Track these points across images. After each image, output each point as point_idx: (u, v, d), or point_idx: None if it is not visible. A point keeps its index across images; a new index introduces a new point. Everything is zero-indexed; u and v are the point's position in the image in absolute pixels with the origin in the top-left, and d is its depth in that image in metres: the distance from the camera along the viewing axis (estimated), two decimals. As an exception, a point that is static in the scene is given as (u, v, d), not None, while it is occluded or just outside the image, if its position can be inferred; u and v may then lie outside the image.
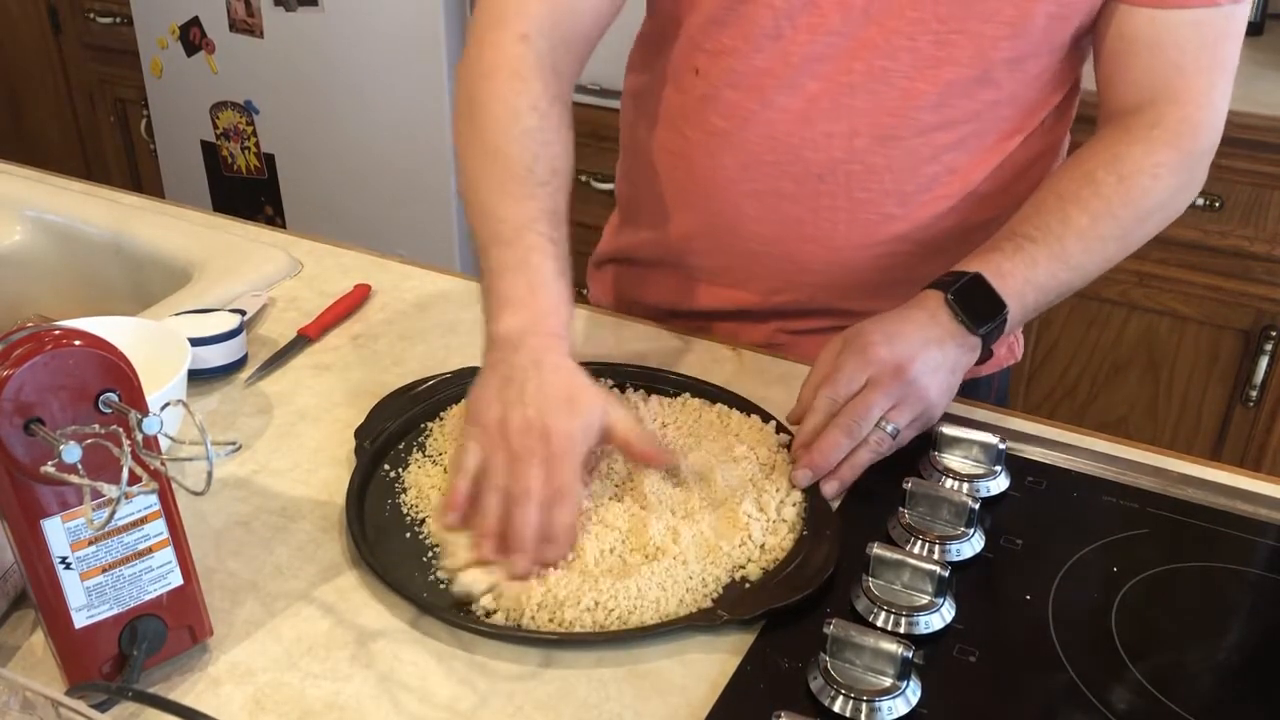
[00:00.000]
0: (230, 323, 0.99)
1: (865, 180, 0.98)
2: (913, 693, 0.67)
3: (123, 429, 0.60)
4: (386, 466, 0.87)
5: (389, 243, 1.97)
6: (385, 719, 0.67)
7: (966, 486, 0.84)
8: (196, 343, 0.94)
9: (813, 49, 0.95)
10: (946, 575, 0.73)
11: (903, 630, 0.72)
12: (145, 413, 0.61)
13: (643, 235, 1.14)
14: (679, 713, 0.68)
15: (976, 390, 1.09)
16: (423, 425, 0.92)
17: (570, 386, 0.78)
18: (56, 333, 0.60)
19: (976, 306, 0.87)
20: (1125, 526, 0.82)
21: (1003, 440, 0.85)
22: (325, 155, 2.41)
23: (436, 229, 2.34)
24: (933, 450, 0.86)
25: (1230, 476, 0.88)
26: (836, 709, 0.66)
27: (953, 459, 0.86)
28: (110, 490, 0.58)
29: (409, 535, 0.81)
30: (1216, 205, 1.76)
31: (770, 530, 0.80)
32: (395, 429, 0.90)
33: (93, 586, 0.64)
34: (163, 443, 0.68)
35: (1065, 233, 0.90)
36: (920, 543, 0.78)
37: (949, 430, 0.86)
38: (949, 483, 0.84)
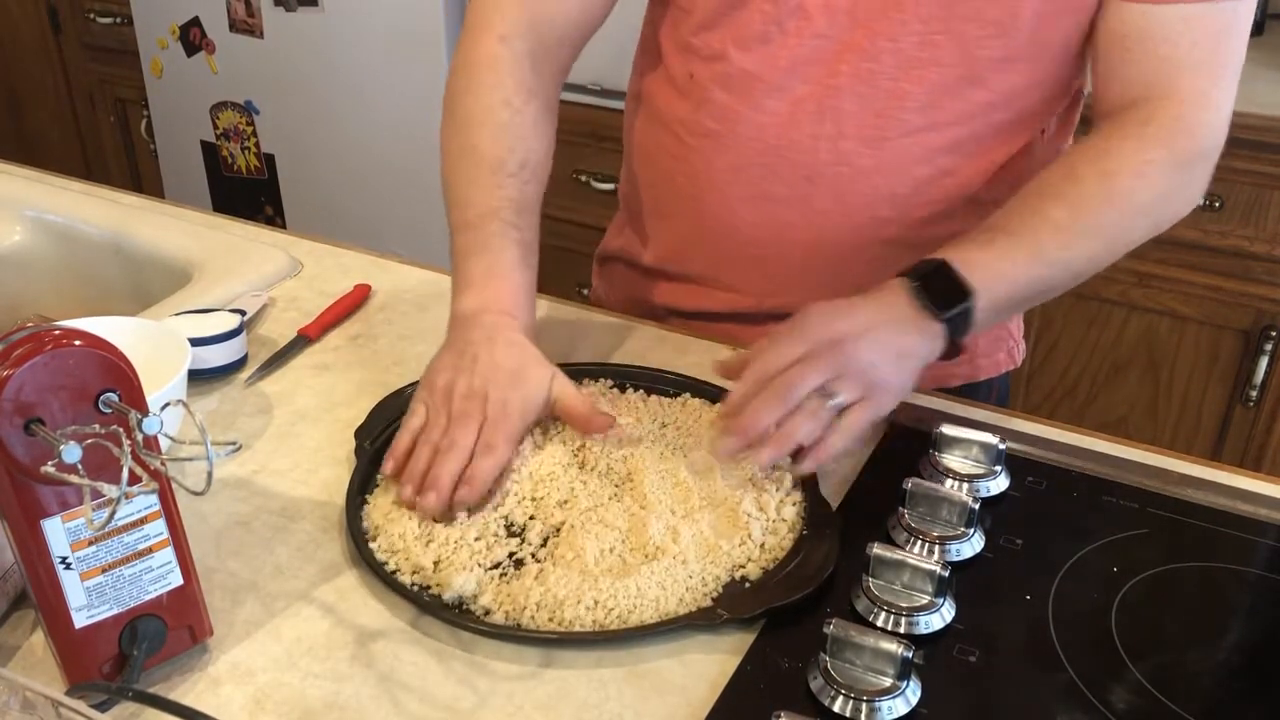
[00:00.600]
0: (230, 323, 0.99)
1: (854, 183, 0.98)
2: (913, 693, 0.67)
3: (123, 429, 0.60)
4: (386, 466, 0.87)
5: (389, 242, 1.97)
6: (385, 719, 0.67)
7: (966, 486, 0.84)
8: (196, 343, 0.94)
9: (800, 52, 0.95)
10: (946, 575, 0.73)
11: (903, 630, 0.72)
12: (145, 413, 0.61)
13: (642, 235, 1.14)
14: (679, 712, 0.68)
15: (977, 393, 1.09)
16: (423, 425, 0.92)
17: (519, 360, 0.85)
18: (56, 333, 0.60)
19: (939, 292, 0.84)
20: (1125, 527, 0.82)
21: (1003, 440, 0.85)
22: (325, 155, 2.41)
23: (436, 229, 2.31)
24: (933, 450, 0.86)
25: (1230, 476, 0.87)
26: (836, 709, 0.66)
27: (953, 459, 0.86)
28: (110, 490, 0.58)
29: (409, 535, 0.81)
30: (1216, 205, 1.76)
31: (770, 530, 0.80)
32: (395, 429, 0.90)
33: (93, 586, 0.64)
34: (163, 443, 0.68)
35: (1041, 226, 0.88)
36: (920, 543, 0.78)
37: (949, 430, 0.86)
38: (949, 483, 0.84)
